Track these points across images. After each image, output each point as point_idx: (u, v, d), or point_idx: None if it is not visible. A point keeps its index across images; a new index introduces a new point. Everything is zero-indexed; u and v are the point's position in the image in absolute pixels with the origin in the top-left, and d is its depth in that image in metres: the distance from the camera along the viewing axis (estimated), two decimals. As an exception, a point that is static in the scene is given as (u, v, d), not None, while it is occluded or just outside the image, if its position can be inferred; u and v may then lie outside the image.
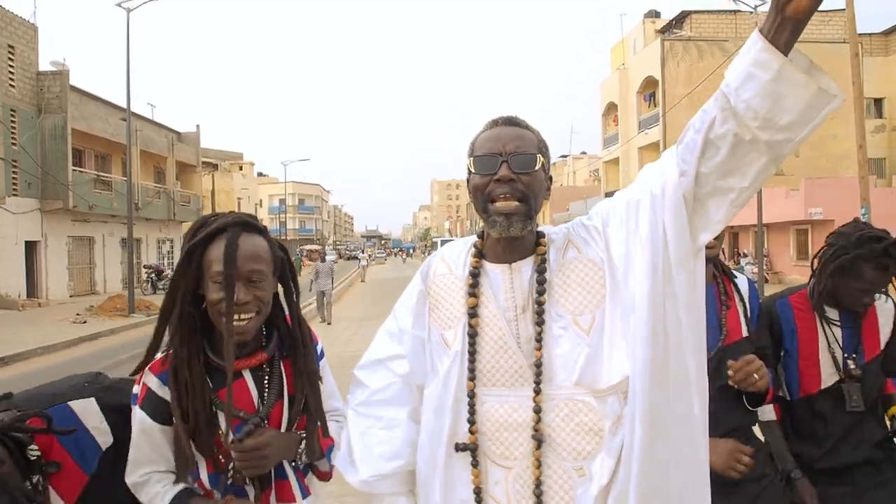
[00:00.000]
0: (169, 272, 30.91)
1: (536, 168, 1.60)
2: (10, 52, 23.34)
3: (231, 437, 1.70)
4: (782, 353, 2.59)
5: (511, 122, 1.67)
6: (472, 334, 1.62)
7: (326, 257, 24.27)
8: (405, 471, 1.70)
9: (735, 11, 27.30)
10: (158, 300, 21.31)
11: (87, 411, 1.75)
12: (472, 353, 1.62)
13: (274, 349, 1.83)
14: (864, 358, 2.52)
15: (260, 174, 75.79)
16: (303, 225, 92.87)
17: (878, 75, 37.15)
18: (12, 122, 23.08)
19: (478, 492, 1.59)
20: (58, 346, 13.82)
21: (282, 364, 1.84)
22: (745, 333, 2.38)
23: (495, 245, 1.66)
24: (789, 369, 2.58)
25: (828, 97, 1.26)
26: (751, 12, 24.11)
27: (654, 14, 41.44)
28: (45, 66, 25.67)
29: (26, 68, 24.31)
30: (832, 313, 2.54)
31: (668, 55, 35.98)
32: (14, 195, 23.08)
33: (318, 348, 1.99)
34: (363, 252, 57.87)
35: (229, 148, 60.83)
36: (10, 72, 23.28)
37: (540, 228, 1.69)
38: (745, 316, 2.41)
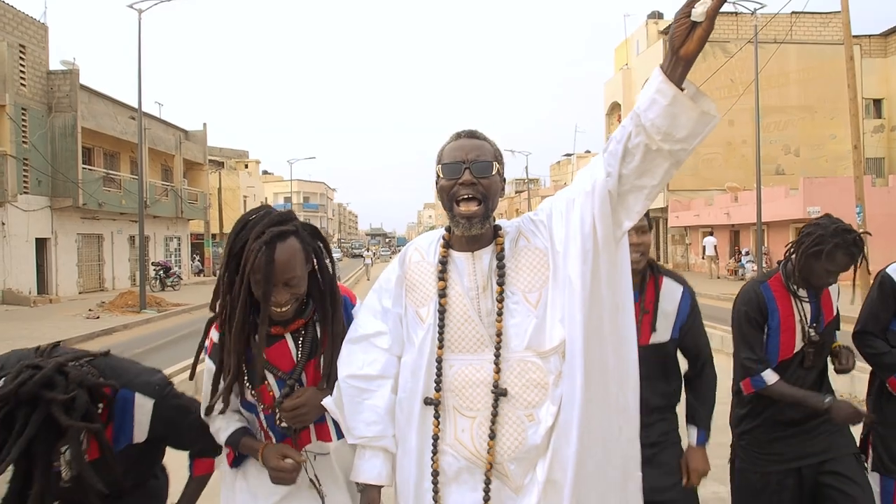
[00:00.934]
0: (177, 269, 31.31)
1: (493, 173, 1.96)
2: (20, 51, 23.75)
3: (277, 395, 2.11)
4: (766, 329, 3.02)
5: (472, 135, 2.03)
6: (442, 311, 1.98)
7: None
8: (385, 434, 2.03)
9: (736, 13, 27.60)
10: (167, 296, 21.66)
11: (143, 408, 2.10)
12: (441, 326, 1.97)
13: (310, 315, 2.18)
14: (822, 326, 3.01)
15: (265, 172, 76.01)
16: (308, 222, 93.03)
17: (878, 76, 37.36)
18: (23, 120, 23.49)
19: (435, 438, 1.95)
20: (74, 341, 14.13)
21: (317, 327, 2.18)
22: (652, 340, 2.77)
23: (460, 238, 2.01)
24: (770, 341, 3.01)
25: (709, 117, 1.65)
26: (751, 13, 24.43)
27: (658, 15, 41.64)
28: (55, 65, 26.14)
29: (37, 67, 24.73)
30: (801, 292, 3.01)
31: (670, 56, 36.23)
32: (25, 193, 23.49)
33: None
34: (368, 250, 58.06)
35: (235, 146, 61.13)
36: (21, 71, 23.70)
37: (497, 222, 2.05)
38: (670, 321, 2.81)
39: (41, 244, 24.87)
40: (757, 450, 3.07)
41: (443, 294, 1.99)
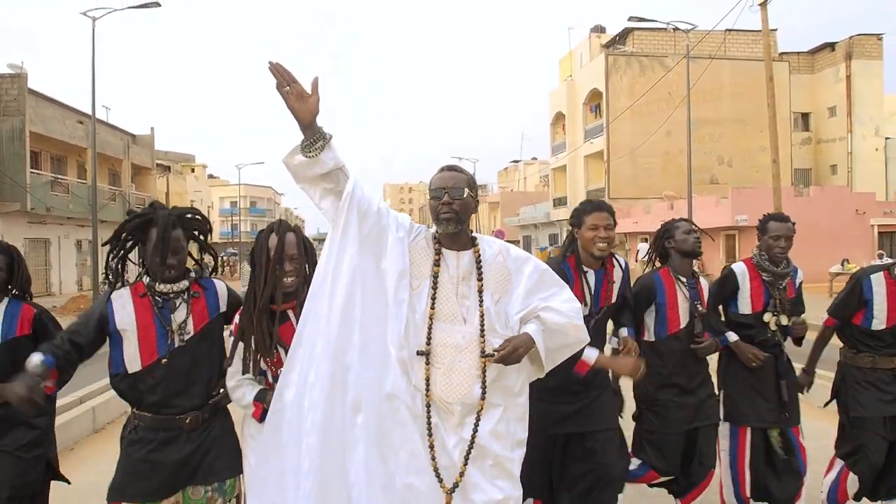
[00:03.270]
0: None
1: (465, 196, 2.71)
2: (-32, 55, 23.57)
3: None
4: (654, 306, 3.85)
5: (452, 168, 2.80)
6: (435, 288, 2.69)
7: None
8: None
9: (674, 29, 29.01)
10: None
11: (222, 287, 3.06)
12: (434, 300, 2.69)
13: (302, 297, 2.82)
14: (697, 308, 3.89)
15: (211, 176, 75.27)
16: (254, 227, 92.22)
17: (805, 91, 39.57)
18: (-30, 124, 23.27)
19: (427, 379, 2.65)
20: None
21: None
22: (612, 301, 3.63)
23: (445, 238, 2.75)
24: (659, 316, 3.84)
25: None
26: (686, 31, 25.90)
27: (600, 29, 43.21)
28: (2, 68, 25.91)
29: (-17, 72, 24.53)
30: (682, 278, 3.88)
31: (612, 69, 37.66)
32: (-28, 197, 23.25)
33: None
34: (316, 255, 57.82)
35: (181, 150, 60.42)
36: (-33, 75, 23.49)
37: (480, 235, 2.81)
38: (619, 288, 3.65)
39: (-13, 248, 24.55)
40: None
41: (437, 276, 2.70)
